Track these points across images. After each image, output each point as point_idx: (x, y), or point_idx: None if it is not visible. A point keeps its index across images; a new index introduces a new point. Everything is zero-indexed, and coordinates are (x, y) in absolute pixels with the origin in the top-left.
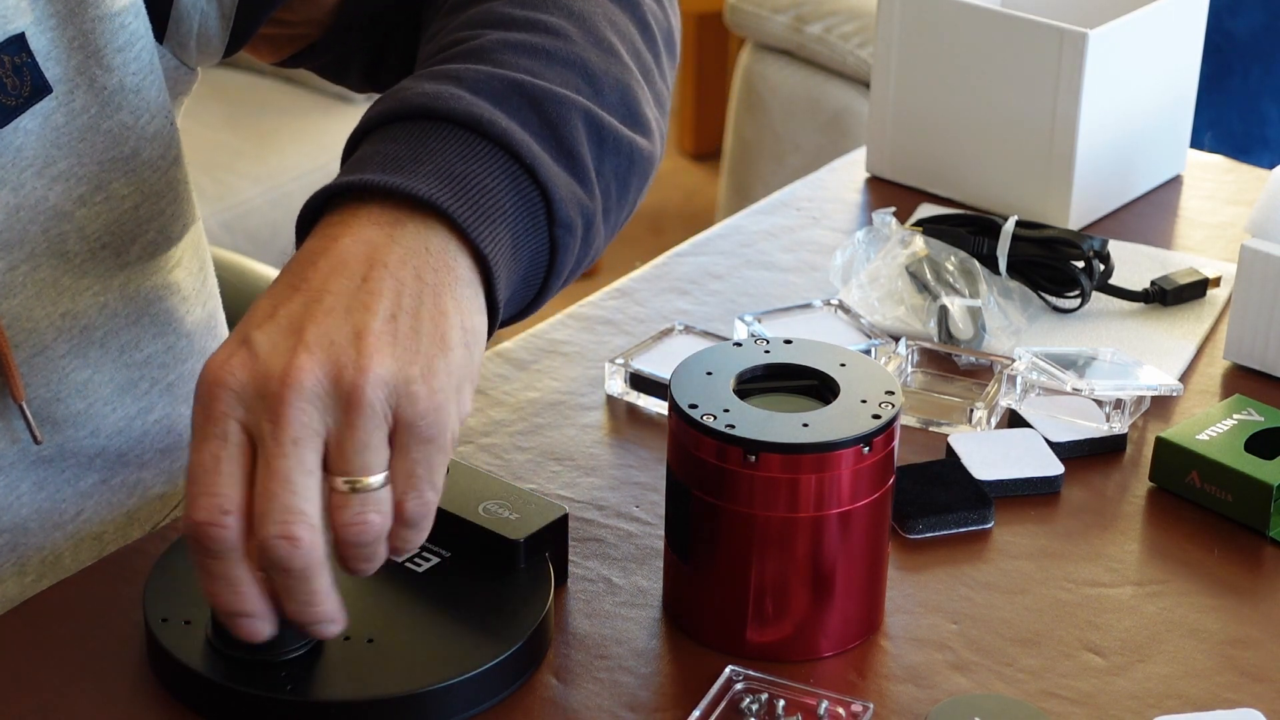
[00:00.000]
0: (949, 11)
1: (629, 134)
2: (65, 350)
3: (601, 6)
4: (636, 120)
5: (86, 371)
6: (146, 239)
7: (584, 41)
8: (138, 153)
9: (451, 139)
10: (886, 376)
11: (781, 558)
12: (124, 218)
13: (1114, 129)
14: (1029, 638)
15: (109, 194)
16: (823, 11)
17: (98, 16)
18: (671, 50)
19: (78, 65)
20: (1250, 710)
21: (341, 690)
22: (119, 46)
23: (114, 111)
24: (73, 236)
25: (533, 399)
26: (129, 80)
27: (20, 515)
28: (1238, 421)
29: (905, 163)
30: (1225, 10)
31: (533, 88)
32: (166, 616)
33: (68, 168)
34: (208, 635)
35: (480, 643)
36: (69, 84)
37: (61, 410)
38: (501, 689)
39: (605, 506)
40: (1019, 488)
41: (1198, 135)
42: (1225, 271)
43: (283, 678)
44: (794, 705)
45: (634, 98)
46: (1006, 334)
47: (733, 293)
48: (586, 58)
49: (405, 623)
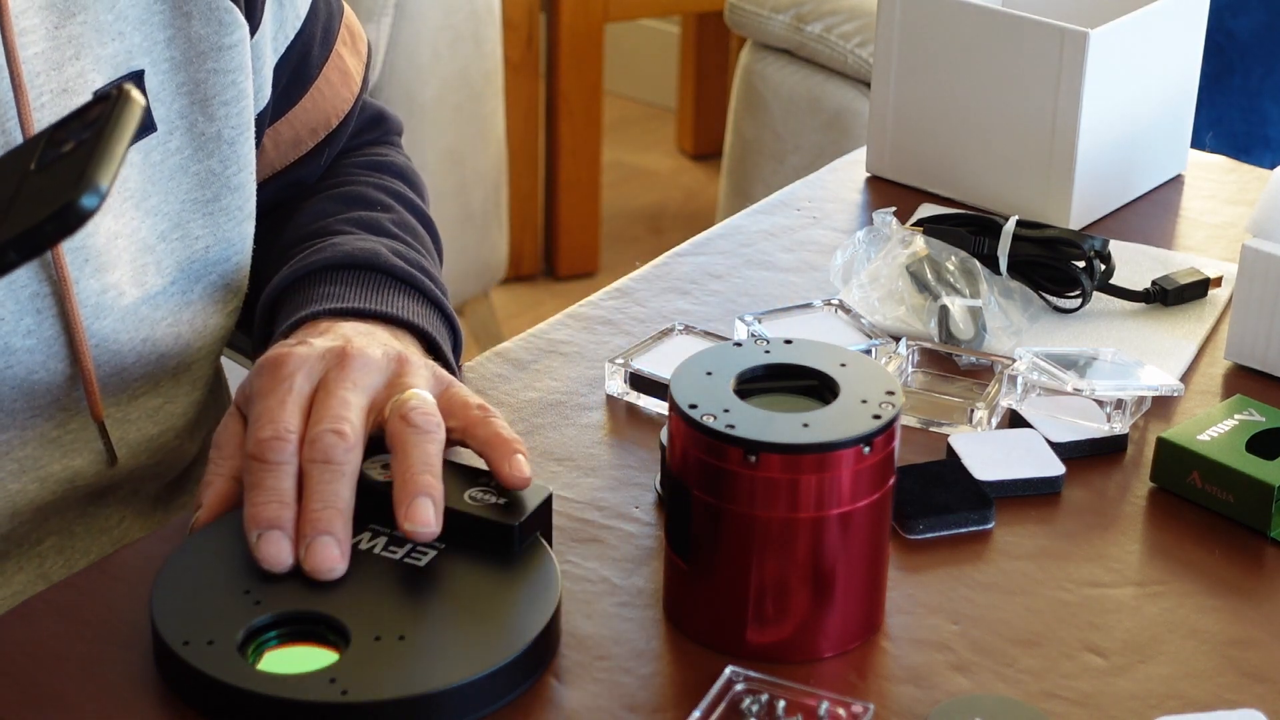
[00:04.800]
0: (949, 11)
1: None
2: (140, 374)
3: (437, 264)
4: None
5: (158, 399)
6: (208, 281)
7: (438, 277)
8: (218, 199)
9: (399, 292)
10: (887, 376)
11: (782, 558)
12: (194, 258)
13: (1115, 129)
14: (1030, 638)
15: (185, 233)
16: (823, 11)
17: (213, 69)
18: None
19: (181, 109)
20: (1251, 711)
21: (393, 689)
22: (225, 100)
23: (205, 158)
24: (152, 269)
25: (532, 399)
26: (227, 132)
27: (68, 519)
28: (1239, 422)
29: (905, 162)
30: (1226, 10)
31: (430, 272)
32: (188, 640)
33: (158, 203)
34: (236, 652)
35: (490, 641)
36: (170, 125)
37: (134, 433)
38: (513, 688)
39: (605, 506)
40: (1020, 488)
41: (1199, 135)
42: (1226, 271)
43: (332, 684)
44: (794, 706)
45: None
46: (1007, 334)
47: (733, 293)
48: (441, 285)
49: (429, 617)
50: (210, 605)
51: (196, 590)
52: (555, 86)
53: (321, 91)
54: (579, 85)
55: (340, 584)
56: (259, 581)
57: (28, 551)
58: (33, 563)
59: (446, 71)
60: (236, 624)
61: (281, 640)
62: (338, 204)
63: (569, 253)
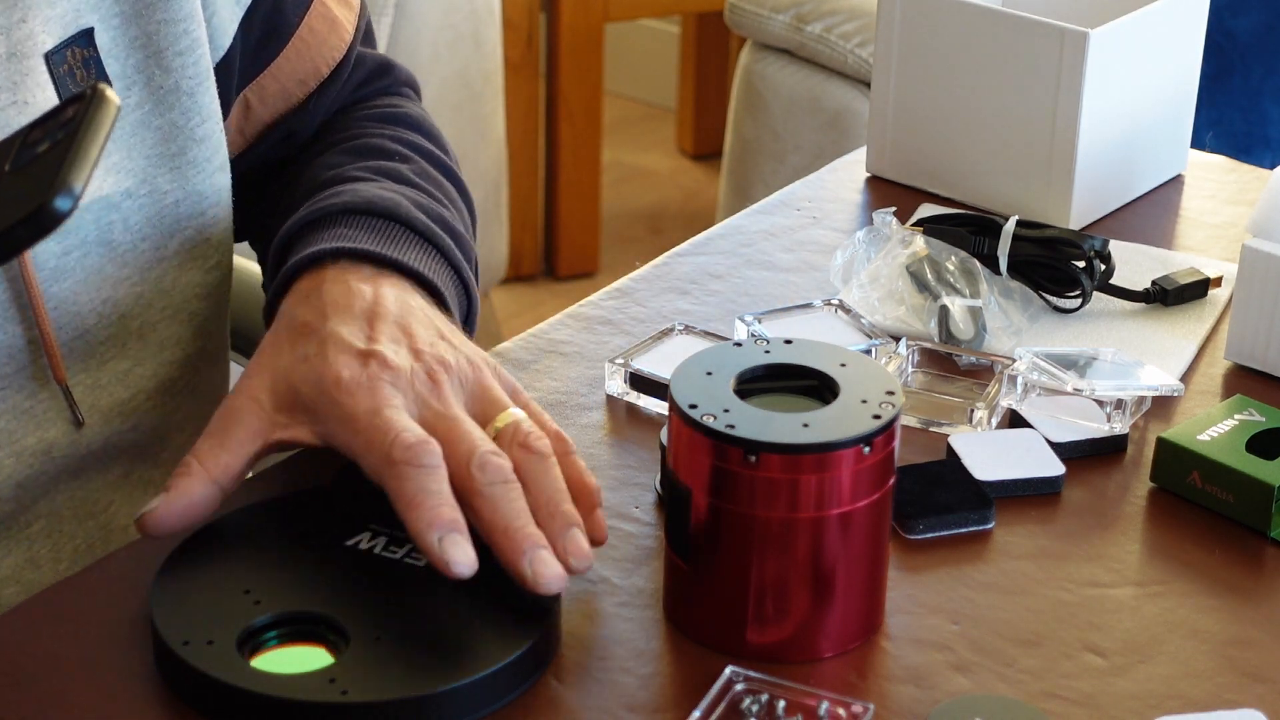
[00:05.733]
0: (949, 11)
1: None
2: (105, 337)
3: (463, 210)
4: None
5: (126, 362)
6: (184, 236)
7: (461, 225)
8: (184, 152)
9: (414, 246)
10: (887, 376)
11: (782, 558)
12: (165, 213)
13: (1115, 129)
14: (1030, 638)
15: (153, 188)
16: (823, 11)
17: (163, 20)
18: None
19: (137, 64)
20: (1251, 711)
21: (393, 690)
22: (179, 50)
23: (166, 110)
24: (119, 227)
25: (532, 399)
26: (184, 83)
27: (56, 503)
28: (1239, 422)
29: (906, 162)
30: (1226, 10)
31: (452, 226)
32: (188, 639)
33: (119, 160)
34: (235, 651)
35: (490, 642)
36: (126, 80)
37: (105, 399)
38: (512, 689)
39: (605, 506)
40: (1020, 488)
41: (1199, 135)
42: (1226, 271)
43: (332, 684)
44: (794, 706)
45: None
46: (1007, 334)
47: (733, 293)
48: (466, 235)
49: (429, 618)
50: (210, 605)
51: (196, 590)
52: (555, 86)
53: (305, 42)
54: (579, 85)
55: (340, 584)
56: (259, 581)
57: (16, 535)
58: (21, 546)
59: (446, 71)
60: (236, 624)
61: (281, 640)
62: (352, 156)
63: (569, 253)
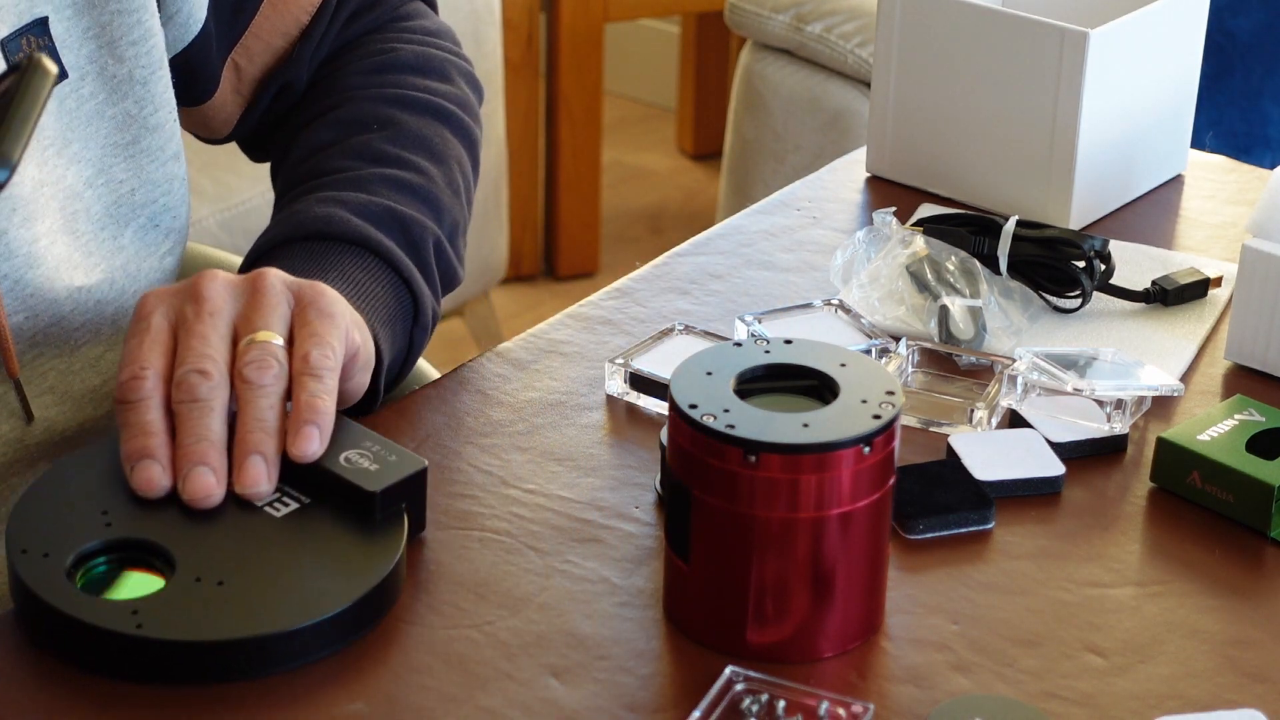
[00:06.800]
0: (949, 11)
1: (451, 255)
2: (79, 324)
3: (455, 150)
4: (456, 250)
5: (98, 348)
6: (138, 224)
7: (441, 182)
8: (137, 140)
9: (346, 255)
10: (887, 376)
11: (782, 558)
12: (121, 201)
13: (1115, 129)
14: (1030, 638)
15: (110, 177)
16: (823, 11)
17: (116, 10)
18: (477, 172)
19: (90, 54)
20: (1251, 711)
21: (188, 631)
22: (133, 40)
23: (120, 99)
24: (82, 216)
25: (532, 399)
26: (138, 73)
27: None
28: (1239, 422)
29: (905, 162)
30: (1226, 10)
31: (400, 214)
32: (26, 548)
33: (79, 150)
34: (65, 567)
35: (329, 589)
36: (80, 70)
37: (78, 385)
38: (348, 635)
39: (605, 506)
40: (1020, 488)
41: (1199, 135)
42: (1226, 271)
43: (133, 615)
44: (794, 706)
45: (459, 231)
46: (1007, 334)
47: (733, 293)
48: (440, 196)
49: (258, 567)
50: (63, 521)
51: (57, 505)
52: (555, 86)
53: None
54: (579, 85)
55: (189, 521)
56: (117, 505)
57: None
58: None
59: None
60: (78, 542)
61: (118, 565)
62: (334, 130)
63: (569, 253)
